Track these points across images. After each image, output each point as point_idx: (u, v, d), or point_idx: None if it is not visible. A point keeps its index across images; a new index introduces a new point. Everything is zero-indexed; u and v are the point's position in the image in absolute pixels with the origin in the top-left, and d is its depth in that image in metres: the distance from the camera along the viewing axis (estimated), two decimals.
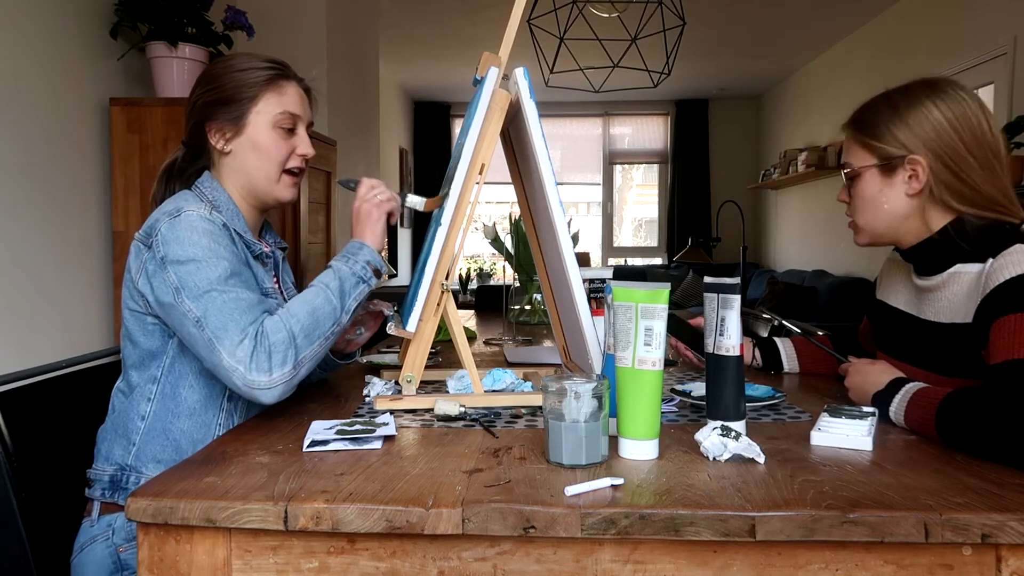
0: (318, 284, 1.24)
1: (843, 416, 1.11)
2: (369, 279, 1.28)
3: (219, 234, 1.24)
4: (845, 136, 1.31)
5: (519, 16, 1.26)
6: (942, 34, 4.71)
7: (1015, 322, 1.05)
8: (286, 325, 1.17)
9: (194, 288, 1.18)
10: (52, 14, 2.35)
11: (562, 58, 3.90)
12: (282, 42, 3.74)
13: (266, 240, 1.48)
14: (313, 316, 1.19)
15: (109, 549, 1.21)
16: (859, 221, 1.30)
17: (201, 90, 1.36)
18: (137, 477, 1.24)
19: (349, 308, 1.24)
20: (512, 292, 2.57)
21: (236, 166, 1.35)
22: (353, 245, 1.31)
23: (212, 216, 1.26)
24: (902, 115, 1.23)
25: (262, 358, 1.14)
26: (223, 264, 1.20)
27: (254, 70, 1.34)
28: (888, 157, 1.23)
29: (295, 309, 1.19)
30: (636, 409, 0.99)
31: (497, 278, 7.78)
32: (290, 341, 1.16)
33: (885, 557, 0.82)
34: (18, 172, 2.21)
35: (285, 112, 1.34)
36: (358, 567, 0.86)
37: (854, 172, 1.28)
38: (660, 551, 0.83)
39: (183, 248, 1.20)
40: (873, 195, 1.26)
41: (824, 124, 6.53)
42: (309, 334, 1.18)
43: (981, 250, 1.17)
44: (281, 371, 1.15)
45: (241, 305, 1.17)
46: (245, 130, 1.33)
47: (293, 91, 1.37)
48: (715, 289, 1.06)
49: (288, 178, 1.37)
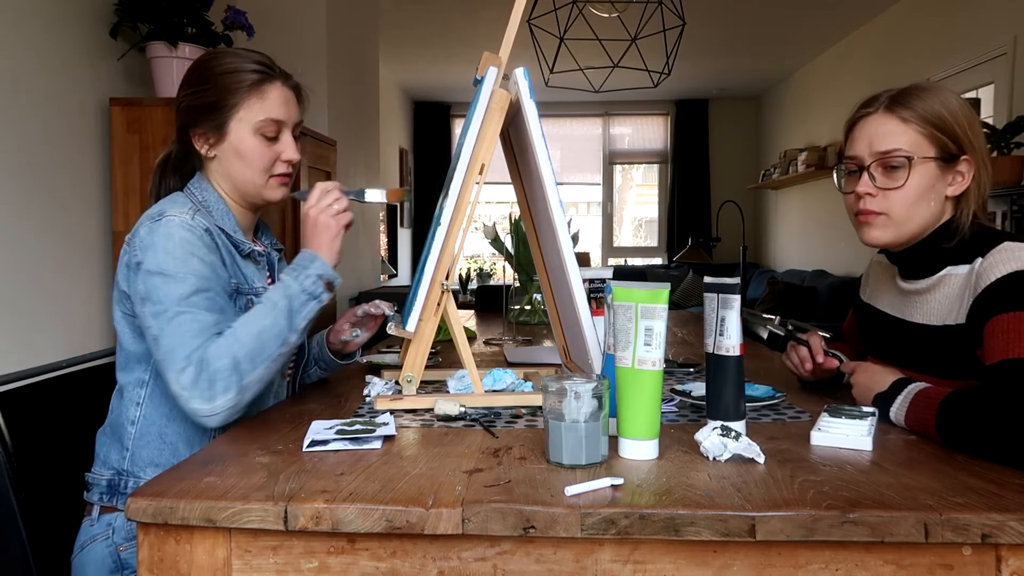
0: (267, 302, 1.21)
1: (843, 416, 1.10)
2: (320, 295, 1.24)
3: (196, 243, 1.22)
4: (880, 121, 1.20)
5: (519, 16, 1.26)
6: (942, 34, 4.71)
7: (1009, 321, 1.05)
8: (230, 351, 1.15)
9: (156, 303, 1.17)
10: (52, 14, 2.35)
11: (562, 58, 3.90)
12: (282, 42, 3.74)
13: (262, 240, 1.47)
14: (259, 339, 1.17)
15: (109, 548, 1.21)
16: (898, 215, 1.19)
17: (184, 92, 1.34)
18: (135, 482, 1.24)
19: (298, 327, 1.22)
20: (512, 292, 2.56)
21: (222, 170, 1.33)
22: (305, 256, 1.27)
23: (194, 221, 1.23)
24: (951, 109, 1.17)
25: (204, 386, 1.13)
26: (189, 280, 1.18)
27: (237, 73, 1.30)
28: (948, 152, 1.17)
29: (241, 333, 1.17)
30: (636, 409, 0.99)
31: (497, 278, 7.77)
32: (233, 368, 1.14)
33: (885, 557, 0.82)
34: (18, 172, 2.21)
35: (267, 119, 1.30)
36: (358, 567, 0.85)
37: (912, 159, 1.16)
38: (660, 551, 0.83)
39: (156, 257, 1.19)
40: (925, 189, 1.17)
41: (824, 124, 6.53)
42: (254, 358, 1.16)
43: (969, 250, 1.17)
44: (224, 398, 1.14)
45: (193, 328, 1.16)
46: (227, 137, 1.31)
47: (276, 94, 1.32)
48: (715, 289, 1.06)
49: (275, 180, 1.35)
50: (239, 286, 1.30)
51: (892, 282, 1.31)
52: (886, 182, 1.19)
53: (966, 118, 1.18)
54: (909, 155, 1.17)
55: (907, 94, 1.19)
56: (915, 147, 1.17)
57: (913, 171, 1.17)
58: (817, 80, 6.83)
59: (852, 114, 1.26)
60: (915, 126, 1.17)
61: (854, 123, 1.24)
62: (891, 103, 1.20)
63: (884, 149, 1.18)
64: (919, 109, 1.17)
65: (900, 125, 1.18)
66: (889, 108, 1.19)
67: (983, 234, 1.17)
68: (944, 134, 1.17)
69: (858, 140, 1.22)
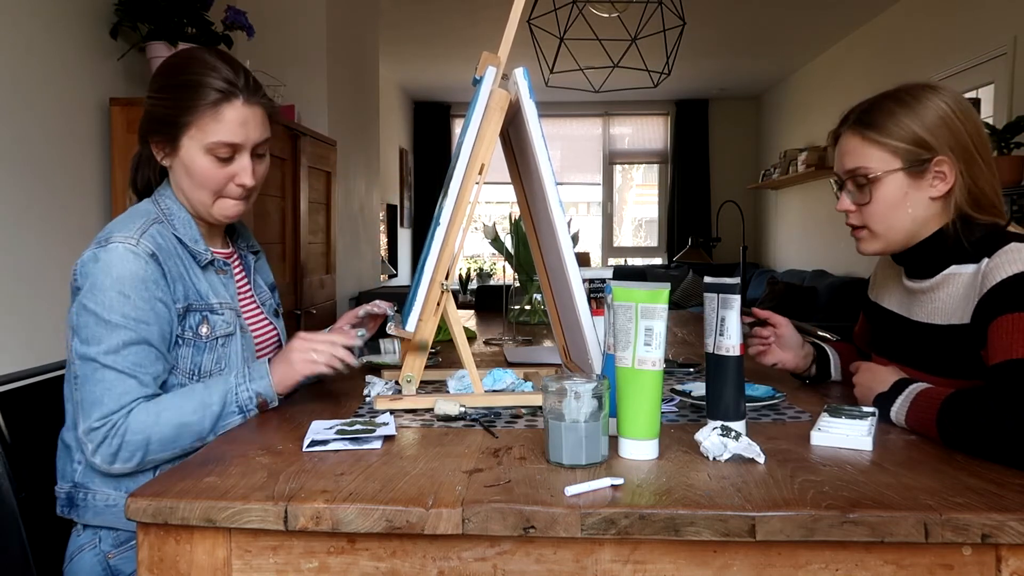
0: (203, 398, 1.18)
1: (843, 416, 1.10)
2: (250, 411, 1.21)
3: (135, 278, 1.17)
4: (846, 139, 1.23)
5: (519, 16, 1.26)
6: (942, 34, 4.71)
7: (1013, 321, 1.05)
8: (146, 431, 1.14)
9: (85, 344, 1.15)
10: (52, 14, 2.35)
11: (562, 58, 3.90)
12: (282, 42, 3.74)
13: (237, 244, 1.44)
14: (178, 431, 1.16)
15: (98, 557, 1.20)
16: (877, 228, 1.22)
17: (148, 94, 1.30)
18: (90, 495, 1.21)
19: (218, 431, 1.18)
20: (512, 292, 2.57)
21: (176, 181, 1.30)
22: (259, 370, 1.23)
23: (139, 247, 1.18)
24: (919, 113, 1.17)
25: (108, 451, 1.13)
26: (121, 331, 1.15)
27: (197, 88, 1.23)
28: (916, 159, 1.17)
29: (164, 417, 1.15)
30: (636, 409, 0.99)
31: (497, 278, 7.78)
32: (143, 445, 1.14)
33: (885, 557, 0.82)
34: (18, 172, 2.21)
35: (219, 142, 1.24)
36: (358, 567, 0.85)
37: (876, 176, 1.19)
38: (660, 551, 0.83)
39: (92, 294, 1.16)
40: (897, 200, 1.19)
41: (824, 124, 6.53)
42: (167, 446, 1.16)
43: (976, 250, 1.16)
44: (124, 465, 1.15)
45: (116, 390, 1.14)
46: (179, 152, 1.26)
47: (234, 115, 1.24)
48: (715, 289, 1.06)
49: (226, 200, 1.29)
50: (191, 304, 1.25)
51: (898, 281, 1.32)
52: (859, 198, 1.23)
53: (943, 118, 1.17)
54: (869, 172, 1.20)
55: (872, 110, 1.21)
56: (878, 163, 1.19)
57: (878, 186, 1.19)
58: (817, 80, 6.83)
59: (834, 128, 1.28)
60: (875, 143, 1.19)
61: (836, 139, 1.27)
62: (855, 122, 1.22)
63: (850, 167, 1.22)
64: (880, 125, 1.19)
65: (861, 144, 1.21)
66: (853, 127, 1.22)
67: (993, 234, 1.16)
68: (910, 143, 1.17)
69: (835, 158, 1.27)
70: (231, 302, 1.33)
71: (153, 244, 1.21)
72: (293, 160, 3.29)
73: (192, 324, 1.25)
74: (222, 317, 1.29)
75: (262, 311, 1.44)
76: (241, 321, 1.34)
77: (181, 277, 1.25)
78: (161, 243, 1.23)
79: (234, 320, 1.32)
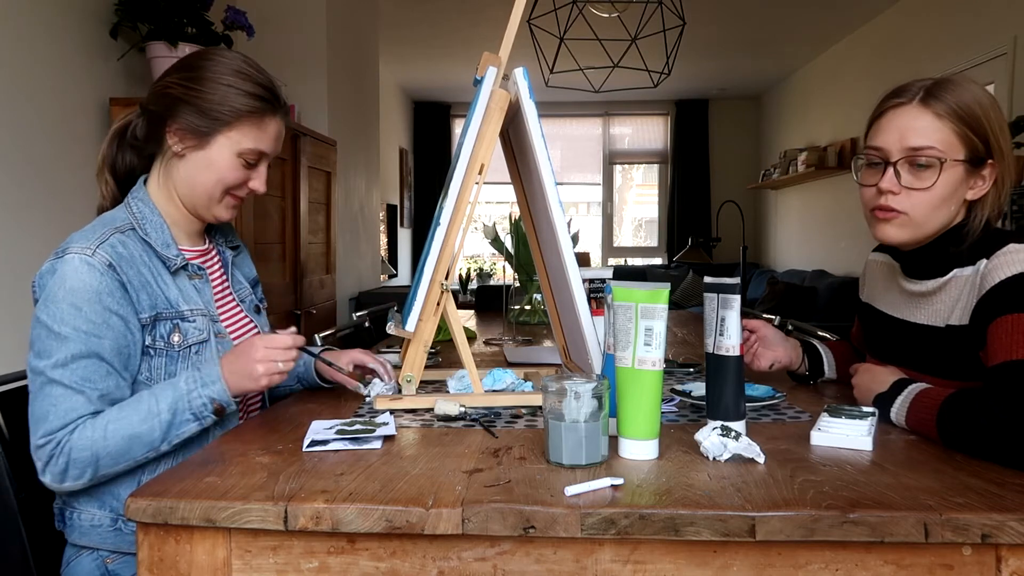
0: (150, 407, 1.13)
1: (843, 416, 1.10)
2: (205, 417, 1.16)
3: (89, 292, 1.14)
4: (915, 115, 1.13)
5: (519, 16, 1.26)
6: (942, 34, 4.71)
7: (1012, 322, 1.05)
8: (93, 447, 1.10)
9: (36, 357, 1.14)
10: (52, 14, 2.35)
11: (562, 58, 3.90)
12: (282, 42, 3.74)
13: (215, 239, 1.41)
14: (128, 443, 1.12)
15: (96, 562, 1.19)
16: (918, 216, 1.14)
17: (178, 79, 1.25)
18: (77, 513, 1.20)
19: (172, 441, 1.15)
20: (512, 292, 2.57)
21: (183, 174, 1.27)
22: (211, 374, 1.16)
23: (95, 258, 1.15)
24: (985, 109, 1.12)
25: (56, 470, 1.11)
26: (71, 343, 1.12)
27: (244, 95, 1.24)
28: (977, 155, 1.13)
29: (111, 430, 1.11)
30: (636, 409, 0.99)
31: (497, 278, 7.78)
32: (92, 461, 1.11)
33: (885, 557, 0.82)
34: (18, 172, 2.21)
35: (254, 149, 1.26)
36: (358, 567, 0.85)
37: (943, 159, 1.11)
38: (660, 551, 0.83)
39: (45, 305, 1.14)
40: (950, 191, 1.13)
41: (824, 124, 6.53)
42: (117, 459, 1.12)
43: (974, 251, 1.15)
44: (74, 482, 1.12)
45: (61, 407, 1.11)
46: (207, 147, 1.25)
47: (273, 128, 1.28)
48: (715, 289, 1.06)
49: (231, 199, 1.30)
50: (160, 313, 1.22)
51: (893, 281, 1.30)
52: (912, 181, 1.14)
53: (997, 120, 1.13)
54: (941, 156, 1.11)
55: (943, 87, 1.13)
56: (947, 147, 1.12)
57: (942, 173, 1.11)
58: (817, 80, 6.82)
59: (880, 103, 1.19)
60: (949, 124, 1.11)
61: (883, 112, 1.17)
62: (926, 95, 1.13)
63: (916, 145, 1.12)
64: (955, 105, 1.11)
65: (935, 121, 1.11)
66: (924, 101, 1.13)
67: (989, 235, 1.16)
68: (976, 135, 1.12)
69: (886, 131, 1.16)
70: (204, 308, 1.29)
71: (112, 254, 1.18)
72: (293, 160, 3.29)
73: (163, 333, 1.22)
74: (194, 324, 1.25)
75: (241, 308, 1.40)
76: (217, 327, 1.30)
77: (147, 285, 1.21)
78: (123, 252, 1.20)
79: (207, 326, 1.27)
